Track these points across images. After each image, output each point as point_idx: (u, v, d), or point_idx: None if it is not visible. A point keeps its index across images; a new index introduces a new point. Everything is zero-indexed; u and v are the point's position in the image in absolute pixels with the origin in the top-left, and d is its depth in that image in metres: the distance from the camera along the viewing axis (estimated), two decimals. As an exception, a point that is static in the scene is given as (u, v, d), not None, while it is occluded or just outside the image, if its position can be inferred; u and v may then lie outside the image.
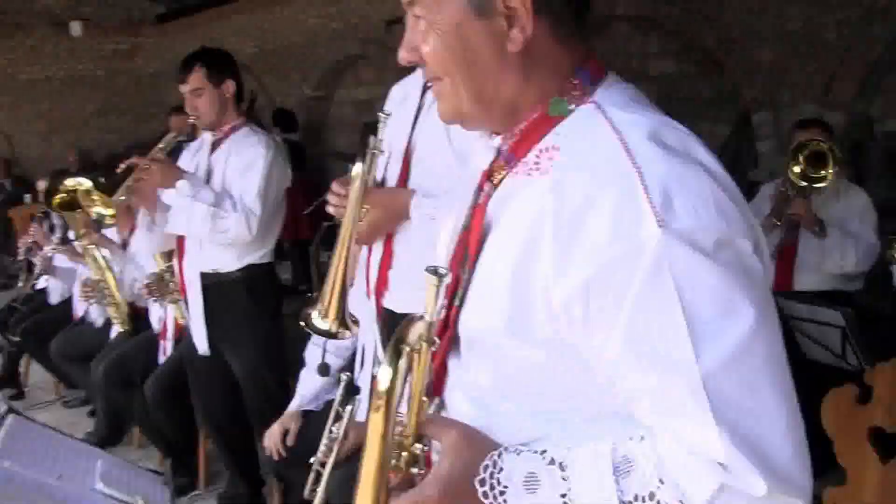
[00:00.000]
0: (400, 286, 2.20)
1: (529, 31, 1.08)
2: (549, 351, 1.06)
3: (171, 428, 4.11)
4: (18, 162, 11.71)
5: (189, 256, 3.46)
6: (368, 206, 2.06)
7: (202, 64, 3.35)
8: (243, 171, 3.32)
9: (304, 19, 9.91)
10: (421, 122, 2.17)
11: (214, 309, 3.46)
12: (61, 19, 11.64)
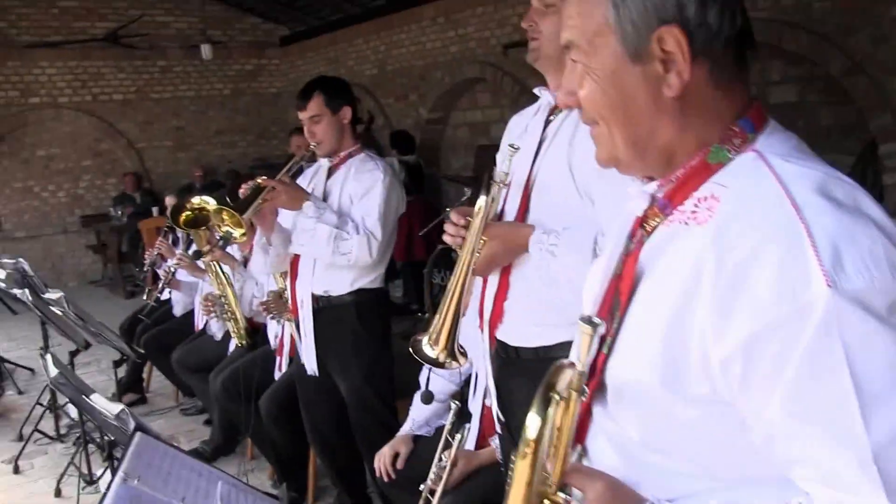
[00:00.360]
0: (515, 319, 2.16)
1: (687, 76, 1.06)
2: (704, 407, 1.02)
3: (284, 442, 4.18)
4: (148, 176, 12.19)
5: (302, 278, 3.54)
6: (486, 239, 2.04)
7: (321, 91, 3.44)
8: (363, 196, 3.39)
9: (423, 43, 10.03)
10: (542, 155, 2.13)
11: (324, 331, 3.53)
12: (192, 42, 12.10)
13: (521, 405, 2.06)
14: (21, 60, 11.19)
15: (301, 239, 3.35)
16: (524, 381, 2.10)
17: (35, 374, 7.06)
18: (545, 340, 2.10)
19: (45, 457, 5.22)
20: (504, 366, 2.23)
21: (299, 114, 3.49)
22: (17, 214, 11.47)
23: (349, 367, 3.53)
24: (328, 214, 3.31)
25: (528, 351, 2.14)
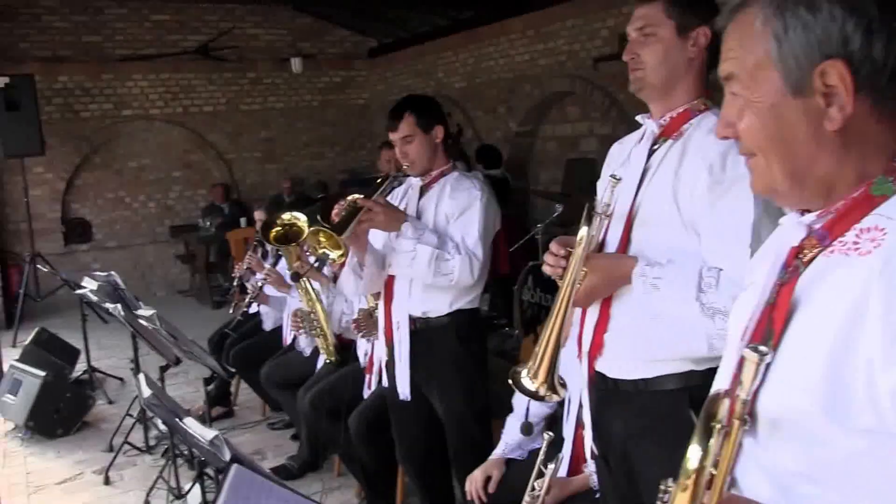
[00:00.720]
0: (614, 351, 2.13)
1: (850, 109, 1.05)
2: (869, 439, 1.00)
3: (372, 461, 4.14)
4: (237, 187, 12.33)
5: (398, 300, 3.44)
6: (587, 270, 2.01)
7: (411, 111, 3.37)
8: (460, 215, 3.31)
9: (512, 56, 9.93)
10: (646, 186, 2.10)
11: (421, 353, 3.43)
12: (281, 54, 12.23)
13: (619, 437, 2.16)
14: (115, 73, 11.43)
15: (401, 261, 3.27)
16: (623, 413, 2.14)
17: (125, 384, 7.14)
18: (645, 373, 2.08)
19: (135, 468, 5.24)
20: (603, 397, 2.21)
21: (390, 134, 3.43)
22: (109, 224, 11.69)
23: (448, 389, 3.44)
24: (428, 235, 3.23)
25: (627, 383, 2.12)
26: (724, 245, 1.91)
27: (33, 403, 5.78)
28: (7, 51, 10.70)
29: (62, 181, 11.20)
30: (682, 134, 2.08)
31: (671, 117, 2.12)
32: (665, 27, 2.07)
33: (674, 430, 1.97)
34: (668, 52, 2.07)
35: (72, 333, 7.53)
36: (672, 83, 2.10)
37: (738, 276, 1.79)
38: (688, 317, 1.90)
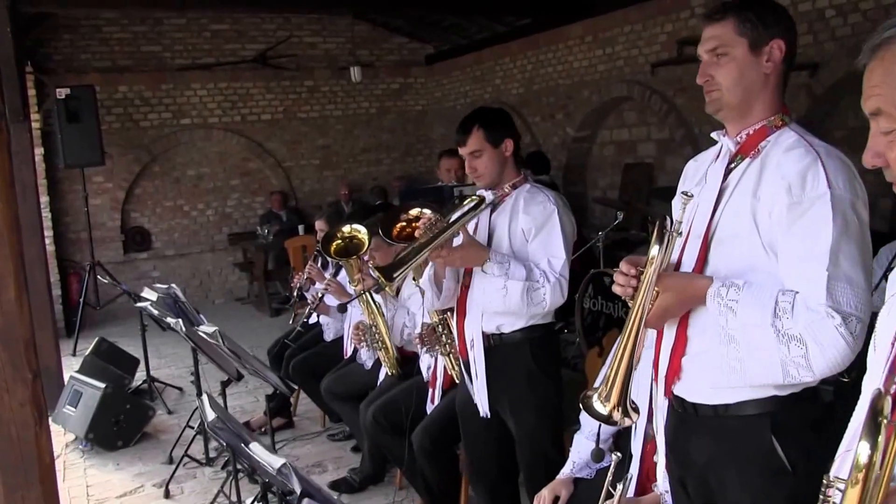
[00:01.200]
0: (693, 376, 2.09)
1: None
2: None
3: (436, 476, 4.07)
4: (294, 195, 12.36)
5: (471, 317, 3.36)
6: (659, 289, 1.97)
7: (480, 125, 3.29)
8: (539, 232, 3.22)
9: (570, 62, 9.84)
10: (723, 205, 2.05)
11: (495, 370, 3.35)
12: (339, 62, 12.24)
13: (698, 463, 2.11)
14: (174, 83, 11.55)
15: (492, 300, 3.20)
16: (702, 438, 2.10)
17: (184, 394, 7.16)
18: (725, 398, 2.04)
19: (195, 481, 5.21)
20: (680, 422, 2.17)
21: (459, 149, 3.35)
22: (168, 233, 11.79)
23: (523, 406, 3.36)
24: (514, 268, 3.14)
25: (706, 408, 2.08)
26: (801, 267, 1.87)
27: (93, 415, 5.80)
28: (69, 62, 10.89)
29: (122, 190, 11.34)
30: (759, 152, 2.04)
31: (747, 134, 2.07)
32: (738, 46, 2.03)
33: (756, 456, 2.00)
34: (742, 72, 2.03)
35: (130, 341, 7.59)
36: (749, 102, 2.05)
37: (815, 299, 1.81)
38: (763, 343, 1.85)
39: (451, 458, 4.12)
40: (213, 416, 2.79)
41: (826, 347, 1.79)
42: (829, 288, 1.81)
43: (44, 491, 2.75)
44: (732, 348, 1.91)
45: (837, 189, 1.86)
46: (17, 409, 2.63)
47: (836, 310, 1.80)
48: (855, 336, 1.80)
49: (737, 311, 1.88)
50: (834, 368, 1.83)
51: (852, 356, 1.81)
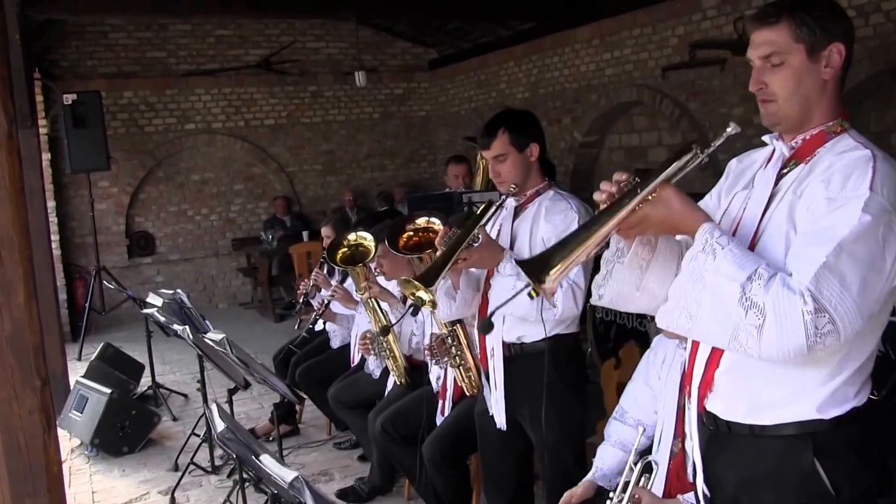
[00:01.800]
0: (727, 391, 1.96)
1: None
2: None
3: (446, 489, 4.01)
4: (298, 200, 12.36)
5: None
6: (655, 196, 1.84)
7: (506, 128, 3.21)
8: (554, 238, 3.04)
9: (577, 65, 9.80)
10: (772, 211, 1.91)
11: (516, 380, 3.28)
12: (342, 67, 12.26)
13: (731, 483, 1.98)
14: (178, 88, 11.58)
15: (502, 300, 3.03)
16: (736, 457, 1.98)
17: (189, 400, 7.14)
18: (762, 419, 1.91)
19: (200, 489, 5.17)
20: (713, 439, 2.04)
21: (483, 153, 3.28)
22: (172, 238, 11.80)
23: (544, 418, 3.23)
24: None
25: (741, 427, 1.95)
26: (803, 250, 1.74)
27: (99, 421, 5.78)
28: (75, 68, 10.95)
29: (127, 195, 11.36)
30: (814, 156, 1.90)
31: (804, 139, 1.94)
32: (795, 53, 1.88)
33: (796, 479, 1.87)
34: (800, 80, 1.89)
35: (135, 347, 7.56)
36: (808, 110, 1.91)
37: (798, 279, 1.67)
38: (725, 299, 1.71)
39: (462, 471, 4.06)
40: (222, 426, 2.75)
41: (784, 327, 1.65)
42: (819, 275, 1.66)
43: (51, 500, 2.72)
44: (697, 289, 1.77)
45: (879, 195, 1.72)
46: (26, 417, 2.61)
47: (813, 297, 1.65)
48: (820, 333, 1.65)
49: (717, 255, 1.74)
50: (782, 354, 1.68)
51: (805, 352, 1.66)
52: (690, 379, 2.08)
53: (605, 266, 2.09)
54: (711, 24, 7.74)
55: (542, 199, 3.28)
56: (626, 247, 2.01)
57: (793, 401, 1.87)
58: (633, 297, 2.07)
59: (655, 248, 2.01)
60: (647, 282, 2.02)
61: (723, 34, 7.52)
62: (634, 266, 2.02)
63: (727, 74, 7.47)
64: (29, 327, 2.56)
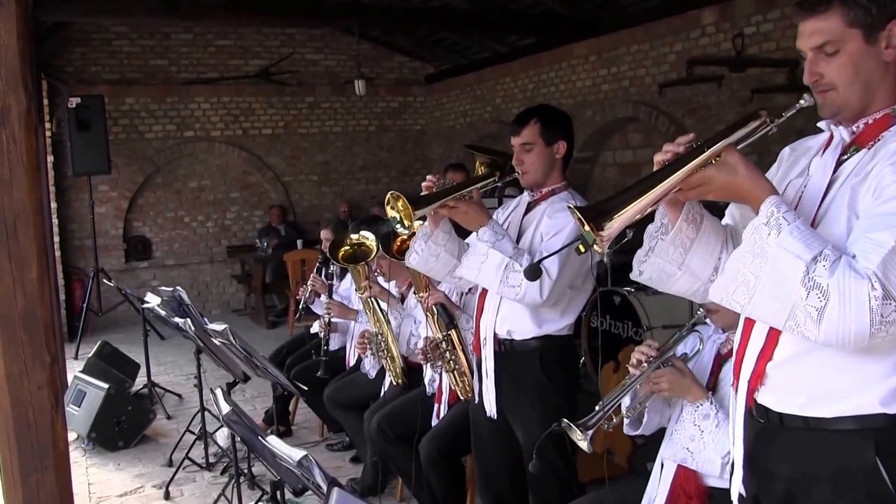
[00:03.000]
0: (782, 383, 1.87)
1: None
2: None
3: (442, 487, 4.03)
4: (293, 209, 12.45)
5: (486, 315, 3.33)
6: (721, 160, 1.79)
7: (539, 119, 3.22)
8: (553, 235, 3.13)
9: (574, 81, 9.90)
10: (831, 198, 1.83)
11: (505, 376, 3.31)
12: (340, 79, 12.39)
13: (783, 479, 1.89)
14: (179, 96, 11.68)
15: (472, 262, 3.13)
16: (789, 452, 1.87)
17: (183, 400, 7.20)
18: (820, 412, 1.81)
19: (194, 484, 5.23)
20: (763, 432, 1.93)
21: (512, 139, 3.27)
22: (168, 243, 11.88)
23: (530, 417, 3.28)
24: (504, 243, 3.08)
25: (795, 419, 1.85)
26: (870, 233, 1.64)
27: (96, 415, 5.86)
28: (79, 74, 11.07)
29: (125, 200, 11.45)
30: (878, 140, 1.80)
31: (866, 123, 1.84)
32: (851, 39, 1.77)
33: (855, 477, 1.77)
34: (859, 66, 1.78)
35: (131, 348, 7.62)
36: (870, 96, 1.81)
37: (865, 263, 1.59)
38: (786, 276, 1.63)
39: (458, 470, 4.09)
40: (227, 408, 2.82)
41: (848, 309, 1.57)
42: (887, 260, 1.57)
43: (57, 477, 2.77)
44: (757, 264, 1.68)
45: None
46: (36, 393, 2.66)
47: (881, 282, 1.56)
48: (885, 321, 1.56)
49: (782, 230, 1.66)
50: (842, 339, 1.59)
51: (866, 339, 1.58)
52: (739, 371, 1.98)
53: (648, 241, 2.04)
54: (710, 40, 7.81)
55: (555, 197, 3.28)
56: (671, 223, 1.97)
57: (854, 392, 1.77)
58: (674, 276, 2.02)
59: (701, 226, 1.96)
60: (690, 261, 1.97)
61: (720, 51, 7.60)
62: (678, 243, 1.98)
63: (724, 91, 7.54)
64: (41, 304, 2.62)
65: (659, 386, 2.66)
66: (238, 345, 3.91)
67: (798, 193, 1.90)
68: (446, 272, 3.33)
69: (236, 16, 9.06)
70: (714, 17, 7.78)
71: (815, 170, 1.91)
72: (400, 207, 2.90)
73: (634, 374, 2.69)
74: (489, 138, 11.14)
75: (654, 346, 2.74)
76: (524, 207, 3.38)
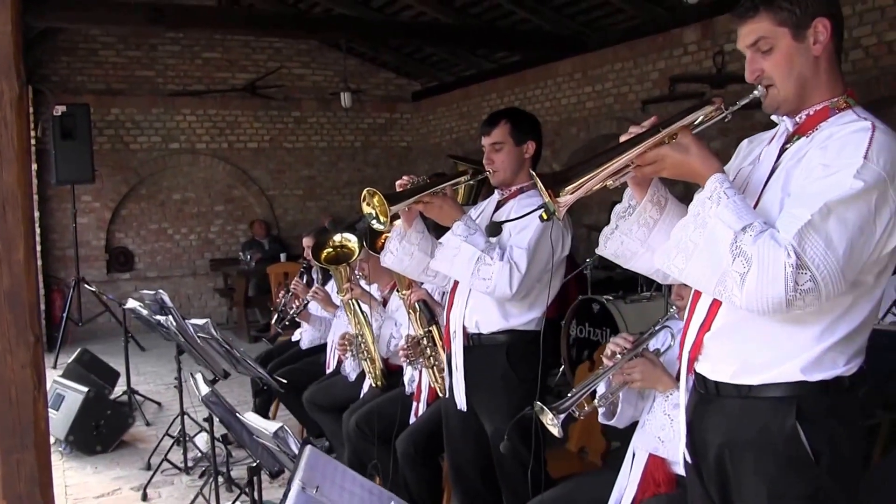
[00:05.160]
0: (716, 352, 2.03)
1: None
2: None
3: (418, 485, 4.03)
4: (277, 224, 12.47)
5: (456, 308, 3.43)
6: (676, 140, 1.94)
7: (508, 120, 3.36)
8: (521, 230, 3.22)
9: (559, 98, 10.01)
10: (771, 184, 1.99)
11: (474, 370, 3.39)
12: (326, 95, 12.44)
13: (715, 445, 2.03)
14: (165, 108, 11.70)
15: (444, 255, 3.23)
16: (721, 420, 2.02)
17: (162, 408, 7.18)
18: (749, 379, 1.96)
19: (172, 487, 5.21)
20: (701, 402, 2.09)
21: (483, 139, 3.40)
22: (151, 255, 11.86)
23: (497, 409, 3.35)
24: (476, 237, 3.18)
25: (729, 388, 2.00)
26: (791, 209, 1.80)
27: (75, 418, 5.83)
28: (65, 83, 11.06)
29: (108, 210, 11.42)
30: (816, 130, 1.96)
31: (808, 115, 2.00)
32: (782, 37, 1.95)
33: (777, 442, 1.90)
34: (792, 61, 1.96)
35: (111, 359, 7.56)
36: (806, 90, 1.98)
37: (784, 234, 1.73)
38: (718, 245, 1.78)
39: (434, 468, 4.09)
40: (206, 389, 2.85)
41: (766, 276, 1.72)
42: (802, 232, 1.72)
43: (38, 457, 2.78)
44: (697, 232, 1.84)
45: (873, 163, 1.78)
46: (19, 371, 2.68)
47: (796, 252, 1.71)
48: (800, 289, 1.71)
49: (721, 203, 1.82)
50: (762, 304, 1.74)
51: (783, 306, 1.73)
52: (683, 343, 2.14)
53: (615, 219, 2.22)
54: (692, 58, 7.97)
55: (524, 195, 3.39)
56: (638, 204, 2.14)
57: (778, 361, 1.92)
58: (637, 253, 2.19)
59: (665, 209, 2.13)
60: (653, 240, 2.13)
61: (702, 68, 7.74)
62: (642, 222, 2.15)
63: None
64: (27, 284, 2.65)
65: (632, 376, 2.73)
66: (220, 337, 3.93)
67: (746, 179, 2.08)
68: (420, 271, 3.44)
69: (223, 26, 9.12)
70: (696, 35, 7.94)
71: (764, 157, 2.09)
72: (376, 203, 2.99)
73: (608, 364, 2.75)
74: (475, 154, 11.09)
75: (628, 339, 2.81)
76: (494, 205, 3.50)
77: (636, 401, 2.94)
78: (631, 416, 2.95)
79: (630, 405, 2.93)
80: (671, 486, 2.70)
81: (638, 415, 2.94)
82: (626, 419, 2.96)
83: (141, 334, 9.50)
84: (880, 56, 6.43)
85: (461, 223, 3.18)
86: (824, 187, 1.78)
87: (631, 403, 2.93)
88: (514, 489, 3.41)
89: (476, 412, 3.46)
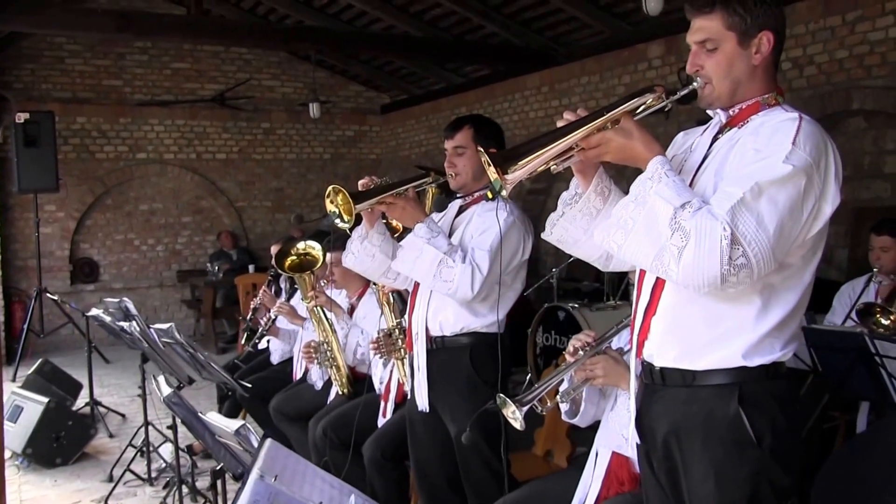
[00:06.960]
0: (660, 335, 2.11)
1: None
2: None
3: (385, 490, 4.03)
4: (246, 235, 12.41)
5: (418, 310, 3.45)
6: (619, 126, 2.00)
7: (471, 125, 3.42)
8: (482, 233, 3.27)
9: (527, 112, 10.08)
10: (701, 172, 2.09)
11: (437, 372, 3.41)
12: (296, 106, 12.42)
13: (661, 432, 2.10)
14: (132, 117, 11.61)
15: (406, 256, 3.27)
16: (667, 406, 2.09)
17: (126, 420, 7.08)
18: (689, 364, 2.05)
19: (135, 499, 5.14)
20: (648, 390, 2.18)
21: (445, 142, 3.46)
22: (116, 266, 11.74)
23: (460, 411, 3.35)
24: (439, 239, 3.22)
25: (674, 374, 2.08)
26: (724, 189, 1.88)
27: (33, 430, 5.71)
28: (29, 90, 10.94)
29: (73, 220, 11.29)
30: (747, 122, 2.07)
31: (740, 108, 2.10)
32: (727, 40, 2.04)
33: (721, 427, 1.99)
34: (731, 65, 2.05)
35: (74, 371, 7.46)
36: (738, 90, 2.08)
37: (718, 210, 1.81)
38: (657, 220, 1.85)
39: (401, 473, 4.08)
40: (168, 390, 2.81)
41: (702, 248, 1.79)
42: (735, 209, 1.81)
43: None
44: (637, 209, 1.91)
45: (800, 149, 1.88)
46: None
47: (730, 227, 1.79)
48: (734, 264, 1.79)
49: (662, 182, 1.89)
50: (697, 278, 1.81)
51: (718, 281, 1.80)
52: (633, 329, 2.21)
53: (561, 206, 2.31)
54: (656, 73, 8.07)
55: (486, 202, 3.39)
56: (584, 192, 2.22)
57: (719, 345, 2.01)
58: (580, 241, 2.29)
59: (608, 199, 2.20)
60: (595, 229, 2.17)
61: (667, 83, 7.79)
62: (586, 211, 2.23)
63: (672, 122, 7.54)
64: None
65: (594, 372, 2.73)
66: (184, 341, 3.89)
67: (680, 166, 2.16)
68: (381, 272, 3.47)
69: (193, 36, 9.07)
70: (660, 50, 8.04)
71: (697, 146, 2.19)
72: (340, 202, 3.05)
73: (570, 361, 2.76)
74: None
75: (591, 335, 2.82)
76: (455, 210, 3.53)
77: (598, 399, 2.95)
78: (593, 415, 2.97)
79: (592, 404, 2.95)
80: (634, 484, 2.70)
81: (600, 414, 2.95)
82: (588, 418, 2.98)
83: (105, 346, 9.39)
84: (832, 73, 6.58)
85: (423, 225, 3.22)
86: (756, 169, 1.87)
87: (593, 402, 2.95)
88: (479, 491, 3.41)
89: (440, 414, 3.47)
